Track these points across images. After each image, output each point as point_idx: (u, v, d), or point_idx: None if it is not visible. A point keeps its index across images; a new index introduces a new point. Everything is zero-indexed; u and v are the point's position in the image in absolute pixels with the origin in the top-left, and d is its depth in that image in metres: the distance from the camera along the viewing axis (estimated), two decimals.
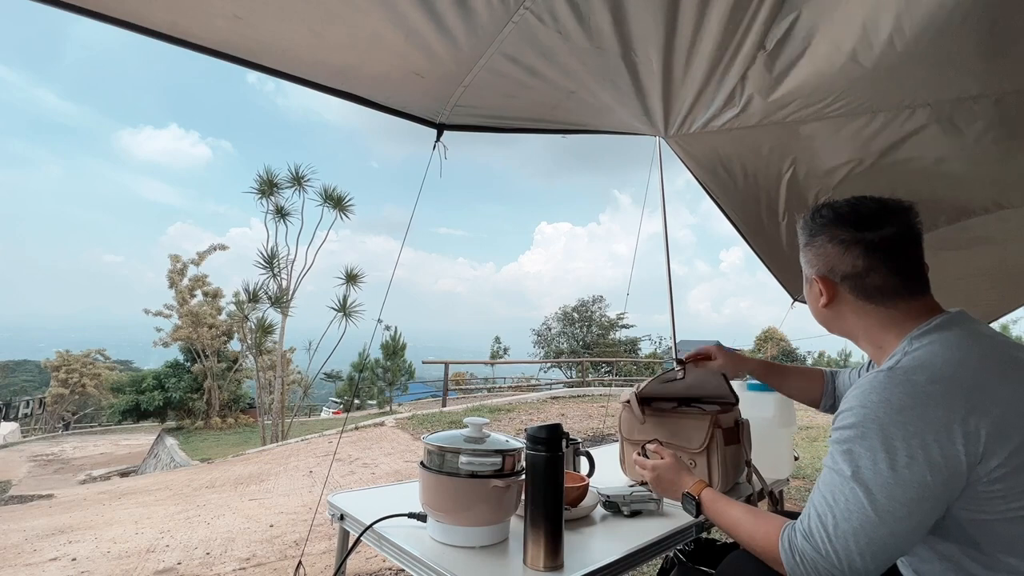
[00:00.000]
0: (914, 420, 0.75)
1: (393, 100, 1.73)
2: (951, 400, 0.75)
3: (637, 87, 1.72)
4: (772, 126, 1.87)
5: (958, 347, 0.82)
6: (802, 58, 1.48)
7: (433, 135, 1.83)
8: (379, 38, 1.38)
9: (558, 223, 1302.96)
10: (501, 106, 1.79)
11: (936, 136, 1.78)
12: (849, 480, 0.77)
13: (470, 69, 1.52)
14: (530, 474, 0.99)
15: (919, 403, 0.75)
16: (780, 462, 1.74)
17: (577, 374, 18.57)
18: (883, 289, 0.91)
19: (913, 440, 0.74)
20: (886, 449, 0.75)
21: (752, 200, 2.41)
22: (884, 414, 0.76)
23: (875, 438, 0.76)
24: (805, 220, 1.02)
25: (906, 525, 0.75)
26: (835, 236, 0.94)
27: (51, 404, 21.13)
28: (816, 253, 0.97)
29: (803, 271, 1.03)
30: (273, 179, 12.38)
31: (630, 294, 4.01)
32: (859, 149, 1.94)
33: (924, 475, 0.73)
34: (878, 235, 0.91)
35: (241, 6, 1.26)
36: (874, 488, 0.75)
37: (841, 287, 0.94)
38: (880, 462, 0.75)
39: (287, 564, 3.11)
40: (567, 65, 1.55)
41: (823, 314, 1.00)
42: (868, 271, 0.91)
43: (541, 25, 1.36)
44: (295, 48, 1.45)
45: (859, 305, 0.93)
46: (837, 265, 0.94)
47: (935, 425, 0.74)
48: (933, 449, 0.73)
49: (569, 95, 1.73)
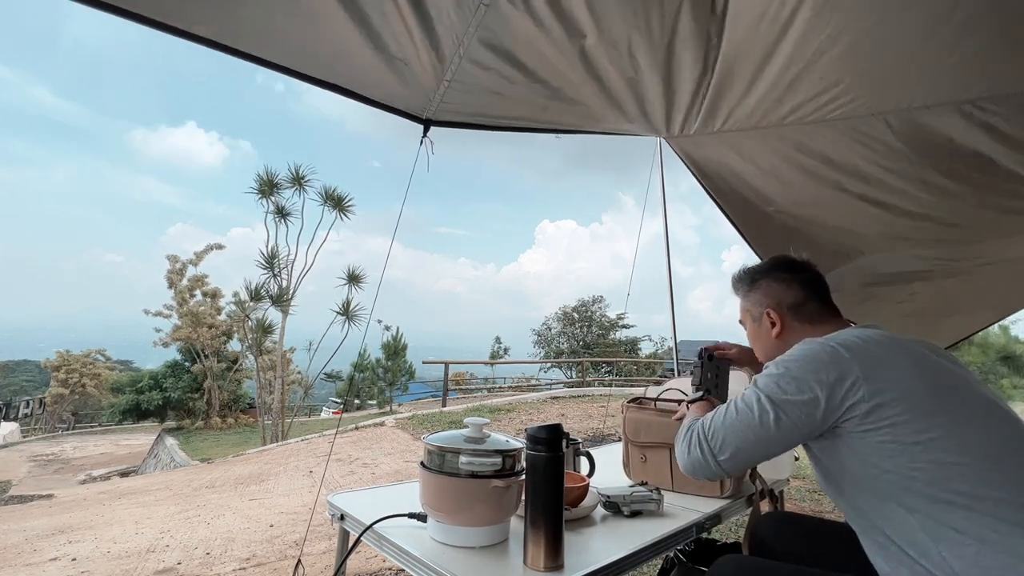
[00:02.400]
0: (816, 366, 0.96)
1: (380, 94, 1.73)
2: (852, 364, 0.94)
3: (632, 88, 1.72)
4: (772, 128, 1.86)
5: (871, 335, 1.01)
6: (801, 58, 1.48)
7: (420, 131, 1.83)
8: (361, 23, 1.37)
9: (560, 221, 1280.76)
10: (488, 104, 1.79)
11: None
12: (743, 394, 1.03)
13: (451, 56, 1.51)
14: (530, 474, 0.99)
15: (828, 357, 0.96)
16: (780, 462, 1.74)
17: (577, 374, 18.56)
18: (816, 312, 1.19)
19: (807, 376, 0.95)
20: (785, 375, 0.97)
21: (751, 202, 2.41)
22: (799, 355, 0.99)
23: (782, 370, 0.99)
24: (740, 276, 1.31)
25: (764, 435, 0.97)
26: (778, 278, 1.24)
27: (51, 404, 21.13)
28: (764, 292, 1.24)
29: (748, 315, 1.27)
30: (273, 179, 12.37)
31: (631, 294, 4.01)
32: (857, 155, 1.92)
33: (798, 402, 0.95)
34: (805, 275, 1.23)
35: None
36: (758, 398, 0.98)
37: (787, 315, 1.20)
38: (772, 382, 0.98)
39: (287, 564, 3.10)
40: (549, 59, 1.54)
41: (773, 345, 1.21)
42: (805, 300, 1.20)
43: (513, 10, 1.36)
44: (283, 38, 1.44)
45: (799, 328, 1.18)
46: (784, 298, 1.21)
47: (831, 371, 0.94)
48: (816, 388, 0.94)
49: (555, 93, 1.72)
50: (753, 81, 1.64)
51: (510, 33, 1.44)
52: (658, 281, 2.93)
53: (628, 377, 17.63)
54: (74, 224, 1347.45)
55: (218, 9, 1.32)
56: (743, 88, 1.68)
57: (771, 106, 1.74)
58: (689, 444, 1.05)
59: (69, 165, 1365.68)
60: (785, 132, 1.89)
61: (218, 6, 1.31)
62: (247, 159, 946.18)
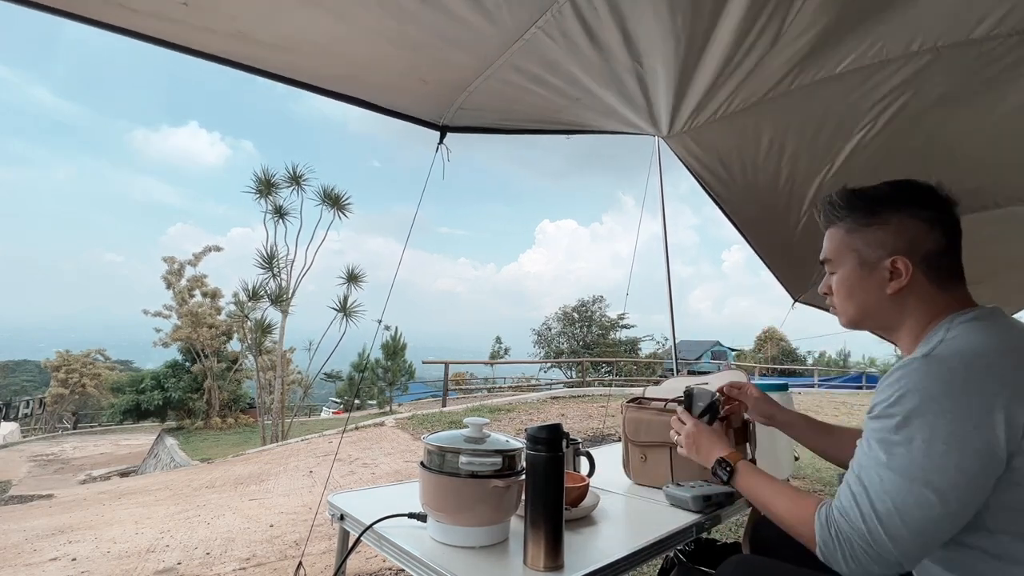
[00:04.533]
0: (952, 408, 0.73)
1: (397, 104, 1.74)
2: (990, 386, 0.73)
3: (644, 92, 1.72)
4: (774, 103, 1.82)
5: (995, 335, 0.80)
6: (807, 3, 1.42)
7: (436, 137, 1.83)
8: (387, 47, 1.38)
9: (561, 221, 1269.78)
10: (505, 110, 1.80)
11: (951, 91, 1.68)
12: (884, 467, 0.76)
13: (476, 78, 1.53)
14: (530, 474, 0.99)
15: (957, 390, 0.73)
16: (780, 462, 1.73)
17: (577, 374, 18.57)
18: (950, 272, 0.89)
19: (952, 427, 0.72)
20: (924, 438, 0.73)
21: (751, 197, 2.41)
22: (921, 402, 0.74)
23: (912, 427, 0.74)
24: (850, 199, 0.95)
25: (943, 511, 0.73)
26: (917, 214, 0.89)
27: (51, 404, 21.14)
28: (894, 231, 0.90)
29: (850, 257, 0.94)
30: (270, 179, 12.36)
31: (630, 294, 4.02)
32: (868, 111, 1.84)
33: (963, 462, 0.72)
34: (953, 217, 0.90)
35: (245, 18, 1.26)
36: (911, 474, 0.73)
37: (918, 268, 0.88)
38: (917, 450, 0.73)
39: (287, 564, 3.10)
40: (573, 75, 1.56)
41: (880, 304, 0.92)
42: (946, 251, 0.88)
43: (551, 42, 1.37)
44: (301, 56, 1.46)
45: (926, 290, 0.88)
46: (921, 243, 0.88)
47: (974, 411, 0.72)
48: (973, 436, 0.72)
49: (575, 101, 1.73)
50: (760, 57, 1.58)
51: (542, 58, 1.45)
52: (658, 281, 2.93)
53: (628, 377, 17.64)
54: (74, 224, 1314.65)
55: (234, 30, 1.32)
56: (747, 68, 1.64)
57: (776, 77, 1.69)
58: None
59: (70, 165, 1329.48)
60: (789, 102, 1.83)
61: (234, 28, 1.31)
62: (250, 159, 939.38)
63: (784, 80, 1.71)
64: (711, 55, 1.53)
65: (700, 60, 1.56)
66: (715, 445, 1.14)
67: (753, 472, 1.04)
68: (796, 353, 28.68)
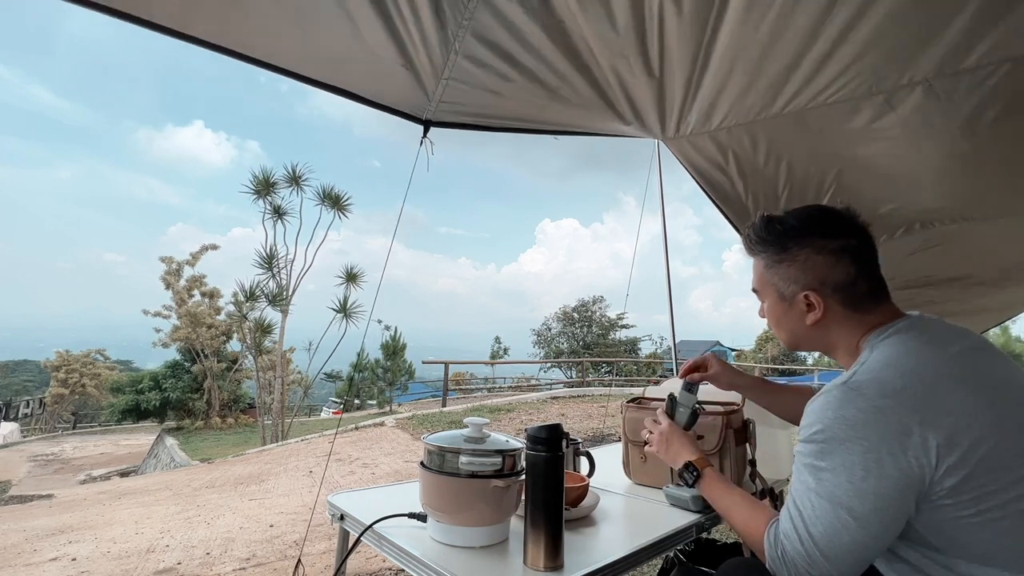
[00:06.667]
0: (867, 435, 0.76)
1: (381, 95, 1.74)
2: (902, 413, 0.76)
3: (624, 89, 1.72)
4: (769, 121, 1.84)
5: (912, 354, 0.83)
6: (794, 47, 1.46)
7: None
8: (361, 26, 1.38)
9: (561, 220, 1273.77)
10: (486, 103, 1.79)
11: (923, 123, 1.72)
12: (812, 491, 0.80)
13: (447, 53, 1.51)
14: (530, 474, 0.99)
15: (872, 418, 0.77)
16: (780, 462, 1.74)
17: (577, 374, 18.57)
18: (867, 295, 0.91)
19: (868, 455, 0.76)
20: (844, 464, 0.77)
21: (751, 200, 2.41)
22: (840, 430, 0.78)
23: (833, 454, 0.78)
24: (762, 235, 0.97)
25: (866, 533, 0.76)
26: (823, 247, 0.91)
27: (51, 404, 21.13)
28: (801, 267, 0.93)
29: (771, 291, 0.99)
30: (269, 178, 12.36)
31: (630, 294, 4.02)
32: (855, 142, 1.89)
33: (880, 487, 0.75)
34: (863, 241, 0.92)
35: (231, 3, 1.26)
36: (835, 499, 0.77)
37: (832, 299, 0.91)
38: (839, 476, 0.77)
39: (287, 564, 3.11)
40: (542, 55, 1.54)
41: (806, 333, 0.96)
42: (857, 278, 0.91)
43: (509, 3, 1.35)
44: (283, 40, 1.45)
45: (845, 316, 0.92)
46: (829, 275, 0.91)
47: (887, 438, 0.75)
48: (887, 462, 0.75)
49: (552, 93, 1.72)
50: (752, 80, 1.63)
51: (502, 24, 1.43)
52: (658, 281, 2.93)
53: (628, 377, 17.64)
54: (74, 224, 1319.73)
55: (219, 12, 1.32)
56: (739, 87, 1.68)
57: (767, 101, 1.72)
58: None
59: (73, 165, 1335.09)
60: (782, 123, 1.85)
61: (219, 9, 1.31)
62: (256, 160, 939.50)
63: (774, 105, 1.75)
64: (679, 53, 1.53)
65: (705, 69, 1.57)
66: (684, 448, 1.17)
67: (717, 480, 1.08)
68: (796, 353, 28.69)
